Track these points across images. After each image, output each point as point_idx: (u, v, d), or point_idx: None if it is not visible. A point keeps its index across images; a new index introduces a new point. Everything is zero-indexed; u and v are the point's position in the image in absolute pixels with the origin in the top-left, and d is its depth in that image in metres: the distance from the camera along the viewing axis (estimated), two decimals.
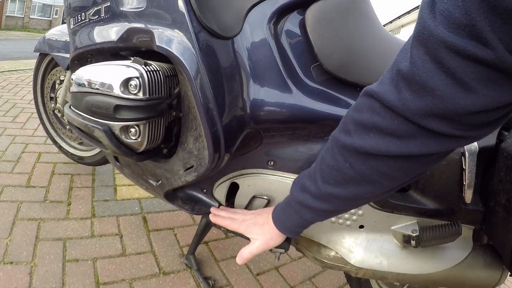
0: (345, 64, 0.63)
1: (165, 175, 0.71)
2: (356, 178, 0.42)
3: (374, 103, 0.37)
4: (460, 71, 0.29)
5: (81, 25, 0.77)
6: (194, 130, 0.61)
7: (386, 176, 0.40)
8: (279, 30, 0.65)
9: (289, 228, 0.57)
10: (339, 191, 0.45)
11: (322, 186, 0.47)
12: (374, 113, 0.37)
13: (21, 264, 0.95)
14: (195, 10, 0.57)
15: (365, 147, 0.39)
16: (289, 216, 0.56)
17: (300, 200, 0.52)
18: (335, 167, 0.44)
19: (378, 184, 0.42)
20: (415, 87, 0.32)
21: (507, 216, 0.55)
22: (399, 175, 0.40)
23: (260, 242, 0.61)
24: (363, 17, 0.69)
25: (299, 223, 0.55)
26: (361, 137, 0.39)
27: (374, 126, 0.37)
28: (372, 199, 0.49)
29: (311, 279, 1.13)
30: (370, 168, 0.40)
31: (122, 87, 0.57)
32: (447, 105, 0.31)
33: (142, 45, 0.62)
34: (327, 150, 0.46)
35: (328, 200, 0.48)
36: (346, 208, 0.50)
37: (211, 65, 0.57)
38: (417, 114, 0.33)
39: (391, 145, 0.36)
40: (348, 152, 0.41)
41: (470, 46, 0.27)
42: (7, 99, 2.52)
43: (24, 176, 1.42)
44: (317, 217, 0.52)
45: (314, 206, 0.50)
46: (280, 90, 0.62)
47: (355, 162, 0.41)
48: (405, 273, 0.68)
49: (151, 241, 1.16)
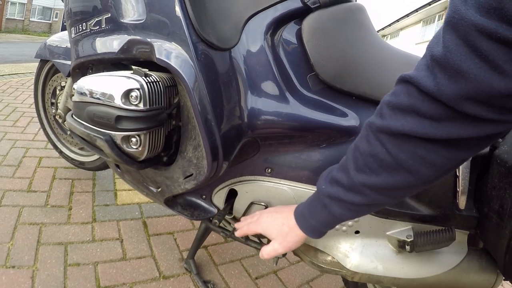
0: (341, 74, 0.65)
1: (165, 182, 0.72)
2: (393, 165, 0.40)
3: (411, 88, 0.37)
4: (492, 54, 0.29)
5: (82, 35, 0.78)
6: (193, 139, 0.62)
7: (424, 162, 0.39)
8: (276, 40, 0.67)
9: (313, 227, 0.54)
10: (374, 180, 0.43)
11: (355, 175, 0.45)
12: (412, 96, 0.36)
13: (23, 268, 0.96)
14: (194, 23, 0.58)
15: (403, 129, 0.38)
16: (315, 212, 0.52)
17: (329, 193, 0.49)
18: (370, 153, 0.42)
19: (415, 172, 0.40)
20: (450, 72, 0.32)
21: (500, 222, 0.56)
22: (438, 161, 0.38)
23: (279, 245, 0.58)
24: (359, 26, 0.71)
25: (326, 220, 0.51)
26: (398, 120, 0.38)
27: (412, 109, 0.37)
28: (407, 191, 0.45)
29: (309, 283, 1.14)
30: (408, 152, 0.39)
31: (123, 98, 0.58)
32: (482, 89, 0.31)
33: (142, 57, 0.64)
34: (361, 138, 0.44)
35: (361, 192, 0.45)
36: (379, 201, 0.46)
37: (209, 77, 0.58)
38: (453, 98, 0.33)
39: (429, 127, 0.36)
40: (385, 135, 0.40)
41: (500, 29, 0.28)
42: (7, 103, 2.53)
43: (25, 181, 1.43)
44: (347, 213, 0.49)
45: (346, 199, 0.47)
46: (277, 99, 0.64)
47: (392, 146, 0.40)
48: (401, 278, 0.69)
49: (151, 246, 1.17)
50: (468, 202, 0.62)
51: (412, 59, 0.71)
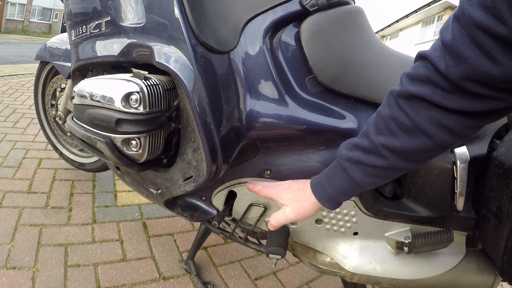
0: (339, 77, 0.65)
1: (165, 184, 0.73)
2: (412, 128, 0.44)
3: (428, 64, 0.41)
4: (487, 46, 0.34)
5: (82, 37, 0.78)
6: (193, 142, 0.63)
7: (439, 125, 0.42)
8: (275, 43, 0.67)
9: (329, 195, 0.53)
10: (394, 142, 0.45)
11: (376, 137, 0.47)
12: (428, 69, 0.41)
13: (24, 269, 0.97)
14: (193, 27, 0.59)
15: (419, 94, 0.42)
16: (334, 178, 0.53)
17: (349, 156, 0.50)
18: (391, 116, 0.45)
19: (432, 136, 0.43)
20: (454, 56, 0.37)
21: (498, 223, 0.57)
22: (452, 125, 0.42)
23: (291, 209, 0.57)
24: (357, 29, 0.71)
25: (344, 186, 0.52)
26: (416, 86, 0.42)
27: (428, 79, 0.41)
28: (425, 155, 0.47)
29: (308, 283, 1.15)
30: (424, 116, 0.42)
31: (123, 101, 0.59)
32: (478, 73, 0.36)
33: (142, 60, 0.64)
34: (383, 105, 0.48)
35: (381, 154, 0.47)
36: (398, 166, 0.47)
37: (209, 80, 0.59)
38: (457, 78, 0.38)
39: (442, 97, 0.40)
40: (403, 99, 0.44)
41: (493, 25, 0.33)
42: (7, 104, 2.54)
43: (25, 182, 1.43)
44: (366, 178, 0.50)
45: (366, 161, 0.48)
46: (276, 102, 0.64)
47: (410, 109, 0.43)
48: (399, 279, 0.70)
49: (151, 247, 1.17)
50: (466, 203, 0.62)
51: (410, 61, 0.71)
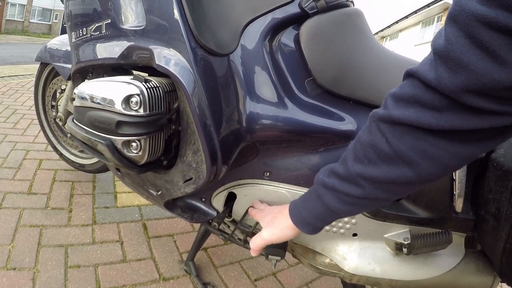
0: (338, 79, 0.65)
1: (165, 185, 0.73)
2: (392, 156, 0.40)
3: (416, 81, 0.37)
4: (493, 44, 0.29)
5: (83, 39, 0.79)
6: (193, 144, 0.63)
7: (424, 156, 0.38)
8: (274, 45, 0.67)
9: (304, 219, 0.52)
10: (371, 171, 0.42)
11: (353, 165, 0.44)
12: (415, 87, 0.37)
13: (24, 270, 0.97)
14: (192, 29, 0.59)
15: (404, 119, 0.37)
16: (309, 203, 0.51)
17: (325, 182, 0.48)
18: (370, 143, 0.42)
19: (415, 166, 0.39)
20: (450, 64, 0.32)
21: (496, 225, 0.57)
22: (439, 155, 0.37)
23: (267, 231, 0.57)
24: (356, 31, 0.71)
25: (318, 212, 0.50)
26: (401, 110, 0.38)
27: (415, 99, 0.37)
28: (405, 188, 0.43)
29: (308, 284, 1.15)
30: (408, 143, 0.38)
31: (124, 103, 0.59)
32: (482, 80, 0.30)
33: (142, 62, 0.65)
34: (364, 129, 0.44)
35: (357, 183, 0.44)
36: (375, 196, 0.44)
37: (208, 83, 0.59)
38: (454, 91, 0.33)
39: (431, 118, 0.36)
40: (386, 124, 0.40)
41: (501, 17, 0.28)
42: (7, 105, 2.54)
43: (25, 183, 1.43)
44: (340, 206, 0.47)
45: (341, 189, 0.46)
46: (275, 104, 0.64)
47: (392, 136, 0.39)
48: (398, 280, 0.70)
49: (151, 248, 1.17)
50: (465, 205, 0.63)
51: (409, 63, 0.72)
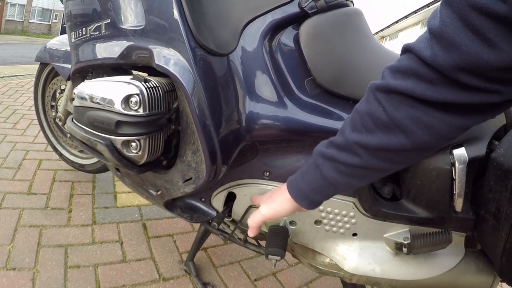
0: (338, 78, 0.65)
1: (165, 185, 0.73)
2: (388, 124, 0.41)
3: (413, 56, 0.38)
4: (483, 28, 0.31)
5: (82, 39, 0.79)
6: (192, 144, 0.63)
7: (419, 123, 0.39)
8: (274, 45, 0.67)
9: (302, 192, 0.51)
10: (368, 139, 0.43)
11: (350, 134, 0.45)
12: (412, 61, 0.38)
13: (24, 271, 0.97)
14: (192, 29, 0.59)
15: (401, 88, 0.39)
16: (307, 175, 0.51)
17: (323, 152, 0.48)
18: (367, 112, 0.43)
19: (410, 134, 0.40)
20: (444, 43, 0.34)
21: (496, 224, 0.57)
22: (434, 123, 0.39)
23: (265, 207, 0.55)
24: (356, 31, 0.71)
25: (316, 184, 0.49)
26: (397, 80, 0.39)
27: (411, 71, 0.38)
28: (402, 156, 0.43)
29: (307, 284, 1.15)
30: (404, 111, 0.40)
31: (123, 103, 0.59)
32: (472, 60, 0.32)
33: (141, 62, 0.64)
34: (361, 100, 0.45)
35: (355, 151, 0.44)
36: (372, 165, 0.45)
37: (208, 83, 0.59)
38: (447, 68, 0.35)
39: (426, 90, 0.37)
40: (383, 93, 0.41)
41: (490, 3, 0.30)
42: (7, 105, 2.54)
43: (25, 183, 1.43)
44: (339, 176, 0.47)
45: (339, 158, 0.46)
46: (275, 104, 0.64)
47: (389, 104, 0.40)
48: (398, 279, 0.70)
49: (151, 248, 1.17)
50: (465, 204, 0.62)
51: None
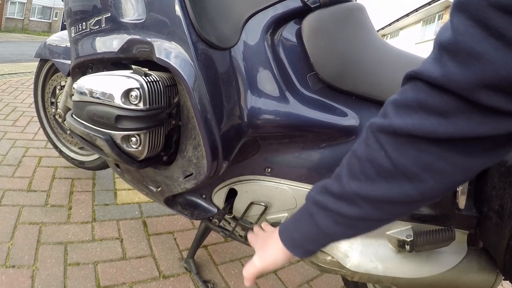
0: (341, 73, 0.65)
1: (165, 181, 0.73)
2: (392, 171, 0.35)
3: (418, 83, 0.32)
4: (509, 30, 0.25)
5: (82, 34, 0.78)
6: (193, 139, 0.62)
7: (428, 170, 0.33)
8: (276, 40, 0.67)
9: (295, 242, 0.47)
10: (368, 189, 0.37)
11: (348, 183, 0.39)
12: (419, 91, 0.32)
13: (23, 268, 0.96)
14: (194, 23, 0.58)
15: (406, 128, 0.33)
16: (300, 223, 0.46)
17: (317, 200, 0.43)
18: (367, 158, 0.37)
19: (417, 182, 0.34)
20: (461, 57, 0.28)
21: (500, 222, 0.56)
22: (446, 169, 0.33)
23: (258, 258, 0.51)
24: (359, 26, 0.71)
25: (310, 234, 0.45)
26: (402, 117, 0.33)
27: (418, 104, 0.32)
28: (406, 207, 0.38)
29: (309, 282, 1.14)
30: (410, 156, 0.34)
31: (123, 97, 0.58)
32: (500, 72, 0.26)
33: (142, 56, 0.64)
34: (360, 141, 0.39)
35: (353, 202, 0.39)
36: (372, 217, 0.39)
37: (209, 77, 0.58)
38: (466, 87, 0.28)
39: (437, 125, 0.31)
40: (385, 135, 0.35)
41: None
42: (7, 103, 2.53)
43: (25, 180, 1.43)
44: (334, 227, 0.42)
45: (335, 209, 0.41)
46: (277, 99, 0.64)
47: (392, 149, 0.35)
48: (400, 277, 0.69)
49: (151, 245, 1.17)
50: (468, 201, 0.62)
51: (412, 58, 0.71)
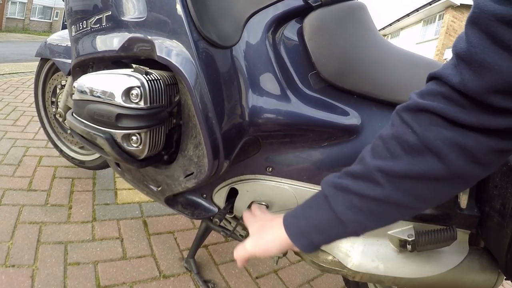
0: (342, 72, 0.64)
1: (166, 181, 0.72)
2: (418, 147, 0.36)
3: (441, 82, 0.36)
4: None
5: (83, 33, 0.78)
6: (194, 137, 0.62)
7: (454, 146, 0.35)
8: (277, 38, 0.67)
9: (301, 230, 0.44)
10: (393, 165, 0.38)
11: (372, 161, 0.39)
12: (443, 87, 0.35)
13: (23, 267, 0.96)
14: (195, 21, 0.58)
15: (432, 107, 0.35)
16: (311, 209, 0.44)
17: (335, 182, 0.42)
18: (393, 136, 0.38)
19: (444, 158, 0.35)
20: (474, 66, 0.32)
21: (501, 221, 0.56)
22: (473, 146, 0.34)
23: (250, 242, 0.49)
24: (360, 25, 0.71)
25: (321, 219, 0.43)
26: (428, 99, 0.36)
27: (442, 95, 0.35)
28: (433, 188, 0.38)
29: (309, 282, 1.14)
30: (436, 132, 0.35)
31: (124, 96, 0.58)
32: (507, 79, 0.30)
33: (143, 55, 0.63)
34: (384, 128, 0.41)
35: (376, 180, 0.38)
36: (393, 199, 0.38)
37: (211, 75, 0.58)
38: (480, 93, 0.32)
39: (459, 113, 0.34)
40: (412, 114, 0.37)
41: None
42: (7, 102, 2.53)
43: (25, 180, 1.43)
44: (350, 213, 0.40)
45: (355, 189, 0.40)
46: (278, 98, 0.63)
47: (419, 125, 0.36)
48: (402, 277, 0.69)
49: (151, 245, 1.17)
50: (470, 201, 0.62)
51: (413, 57, 0.71)
